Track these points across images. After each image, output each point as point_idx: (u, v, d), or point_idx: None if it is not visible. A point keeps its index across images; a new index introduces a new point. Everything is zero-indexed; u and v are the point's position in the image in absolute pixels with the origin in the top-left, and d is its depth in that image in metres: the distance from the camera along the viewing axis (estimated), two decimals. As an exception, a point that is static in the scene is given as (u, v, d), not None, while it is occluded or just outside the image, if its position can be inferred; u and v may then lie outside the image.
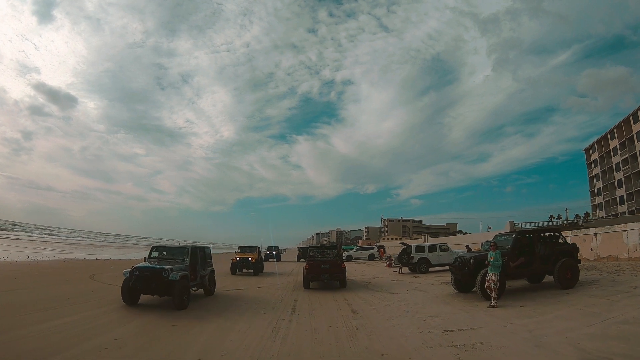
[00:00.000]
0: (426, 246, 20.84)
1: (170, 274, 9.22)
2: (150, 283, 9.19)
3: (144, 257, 11.34)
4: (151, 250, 11.12)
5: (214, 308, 9.83)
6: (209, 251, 12.42)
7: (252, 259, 20.12)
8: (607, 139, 56.83)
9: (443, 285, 14.26)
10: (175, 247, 11.34)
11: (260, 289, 14.56)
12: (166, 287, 9.14)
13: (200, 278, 11.02)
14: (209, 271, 11.75)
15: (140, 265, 9.67)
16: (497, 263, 9.38)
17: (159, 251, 11.01)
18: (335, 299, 11.56)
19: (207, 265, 11.79)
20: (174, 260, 10.30)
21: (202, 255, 11.46)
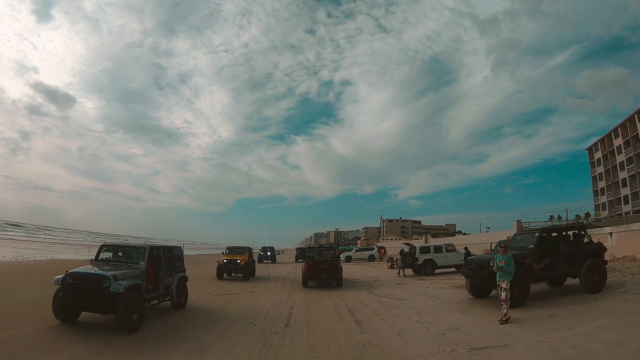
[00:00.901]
0: (432, 247, 19.56)
1: (112, 283, 6.72)
2: (84, 296, 6.80)
3: (90, 259, 9.06)
4: (100, 250, 8.53)
5: (191, 320, 8.44)
6: (179, 252, 10.01)
7: (241, 261, 17.34)
8: (611, 138, 55.78)
9: (454, 289, 13.00)
10: (132, 247, 8.69)
11: (254, 293, 13.25)
12: (106, 302, 6.69)
13: (164, 287, 8.64)
14: (178, 278, 9.31)
15: (74, 270, 7.21)
16: (510, 268, 8.02)
17: (113, 251, 8.57)
18: (336, 306, 10.24)
19: (176, 270, 9.40)
20: (126, 264, 7.94)
21: (169, 258, 9.17)
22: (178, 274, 9.41)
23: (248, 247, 19.49)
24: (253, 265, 19.29)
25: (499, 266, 7.99)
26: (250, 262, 18.44)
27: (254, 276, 18.94)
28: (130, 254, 8.29)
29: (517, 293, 9.17)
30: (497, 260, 8.06)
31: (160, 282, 8.55)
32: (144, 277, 7.78)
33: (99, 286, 6.74)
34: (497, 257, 8.14)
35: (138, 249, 8.38)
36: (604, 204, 58.24)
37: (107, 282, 6.75)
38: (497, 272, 8.08)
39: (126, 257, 8.23)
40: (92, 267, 7.66)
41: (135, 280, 7.38)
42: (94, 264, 7.98)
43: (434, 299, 10.84)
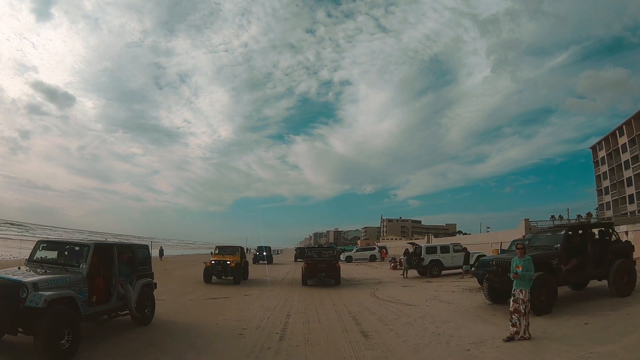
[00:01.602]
0: (438, 246, 18.43)
1: (30, 294, 4.89)
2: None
3: (25, 259, 7.05)
4: (36, 247, 6.62)
5: (172, 331, 7.31)
6: (144, 253, 8.06)
7: (231, 262, 15.38)
8: (616, 136, 54.80)
9: (466, 293, 11.89)
10: (74, 244, 6.69)
11: (247, 297, 12.13)
12: (21, 320, 4.90)
13: (118, 298, 6.61)
14: (141, 285, 7.32)
15: None
16: (529, 274, 6.43)
17: (56, 249, 6.58)
18: (338, 312, 9.10)
19: (139, 275, 7.46)
20: (63, 267, 6.04)
21: (130, 260, 7.23)
22: (141, 280, 7.44)
23: (240, 247, 17.53)
24: (246, 267, 17.58)
25: (515, 272, 6.43)
26: (242, 264, 16.66)
27: (247, 279, 17.33)
28: (74, 254, 6.35)
29: (543, 298, 8.12)
30: (514, 265, 6.58)
31: (114, 292, 6.56)
32: (84, 286, 5.84)
33: (13, 297, 4.86)
34: (514, 261, 6.68)
35: (81, 247, 6.39)
36: (608, 203, 57.23)
37: (25, 292, 4.88)
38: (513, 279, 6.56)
39: (68, 258, 6.31)
40: (19, 269, 5.94)
41: (67, 290, 5.42)
42: (27, 265, 6.28)
43: (447, 305, 9.71)
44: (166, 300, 11.21)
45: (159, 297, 12.06)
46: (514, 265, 6.59)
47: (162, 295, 12.35)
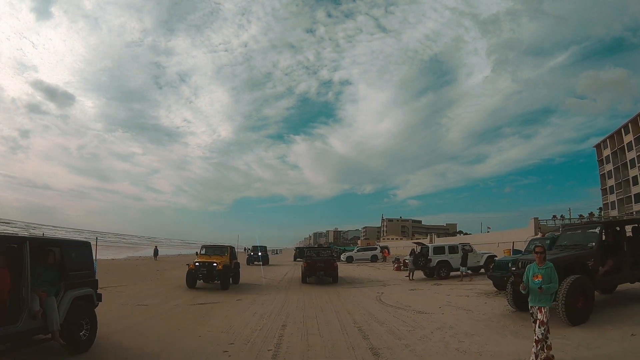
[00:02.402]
0: (446, 246, 17.24)
1: None
2: None
3: None
4: None
5: (146, 346, 6.10)
6: (81, 253, 5.98)
7: (218, 264, 13.35)
8: (621, 134, 53.74)
9: (483, 297, 10.73)
10: None
11: (239, 302, 10.95)
12: None
13: (30, 316, 4.57)
14: (71, 298, 5.25)
15: None
16: (553, 287, 4.90)
17: None
18: (341, 322, 7.90)
19: (72, 284, 5.40)
20: None
21: (57, 263, 5.34)
22: (73, 292, 5.32)
23: (229, 247, 15.45)
24: (236, 270, 15.58)
25: (534, 284, 4.86)
26: (232, 266, 14.74)
27: (238, 283, 15.52)
28: None
29: (580, 305, 6.99)
30: (530, 273, 4.98)
31: (24, 307, 4.53)
32: None
33: None
34: (530, 268, 5.06)
35: None
36: (613, 202, 56.16)
37: None
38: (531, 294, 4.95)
39: None
40: None
41: None
42: None
43: (465, 313, 8.54)
44: (148, 306, 10.08)
45: (142, 302, 10.97)
46: (531, 274, 4.97)
47: (145, 299, 11.22)
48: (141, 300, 11.10)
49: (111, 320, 8.20)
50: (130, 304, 10.39)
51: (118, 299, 11.05)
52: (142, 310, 9.56)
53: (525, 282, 5.00)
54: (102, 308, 9.95)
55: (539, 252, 5.13)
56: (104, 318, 8.43)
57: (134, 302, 10.70)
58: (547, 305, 4.83)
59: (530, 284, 4.93)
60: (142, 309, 9.65)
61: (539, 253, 5.12)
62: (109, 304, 10.38)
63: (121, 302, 10.53)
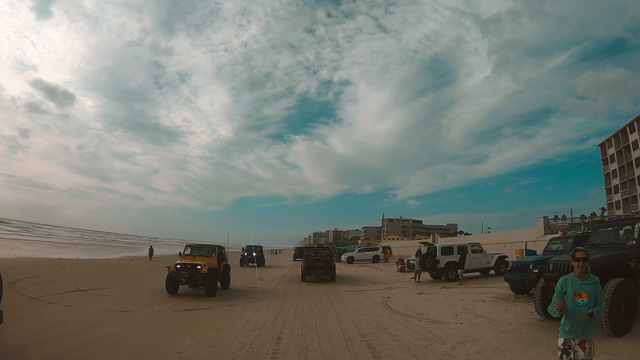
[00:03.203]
0: (455, 247, 16.19)
1: None
2: None
3: None
4: None
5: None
6: None
7: (202, 267, 11.67)
8: (626, 132, 52.72)
9: (501, 303, 9.70)
10: None
11: (231, 308, 9.88)
12: None
13: None
14: None
15: None
16: (601, 311, 3.33)
17: None
18: (345, 333, 6.83)
19: None
20: None
21: None
22: None
23: (217, 246, 13.55)
24: (226, 273, 13.76)
25: (577, 308, 3.19)
26: (221, 268, 13.08)
27: (228, 288, 13.77)
28: None
29: (623, 313, 6.02)
30: (569, 290, 3.27)
31: None
32: None
33: None
34: (568, 283, 3.32)
35: None
36: (618, 202, 55.14)
37: None
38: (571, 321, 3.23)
39: None
40: None
41: None
42: None
43: (487, 322, 7.48)
44: (129, 312, 9.03)
45: (124, 307, 9.90)
46: (570, 290, 3.26)
47: (128, 304, 10.14)
48: (124, 304, 10.04)
49: (84, 328, 7.23)
50: (110, 309, 9.34)
51: (98, 304, 10.01)
52: (122, 317, 8.52)
53: (563, 301, 3.24)
54: (78, 314, 8.98)
55: (582, 258, 3.29)
56: (77, 326, 7.47)
57: (115, 307, 9.65)
58: (590, 337, 3.19)
59: (570, 306, 3.19)
60: (122, 316, 8.61)
61: (581, 260, 3.29)
62: (86, 310, 9.36)
63: (101, 308, 9.48)
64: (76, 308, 9.44)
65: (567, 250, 9.99)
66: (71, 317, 8.39)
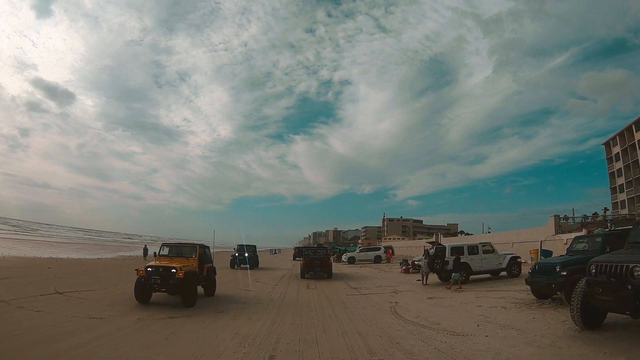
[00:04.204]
0: (465, 247, 15.08)
1: None
2: None
3: None
4: None
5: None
6: None
7: (178, 271, 9.59)
8: (632, 130, 51.71)
9: (524, 309, 8.61)
10: None
11: (220, 315, 8.77)
12: None
13: None
14: None
15: None
16: None
17: None
18: (352, 352, 5.70)
19: None
20: None
21: None
22: None
23: (199, 245, 11.24)
24: (210, 277, 11.63)
25: None
26: (204, 272, 11.14)
27: (214, 295, 11.65)
28: None
29: None
30: None
31: None
32: None
33: None
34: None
35: None
36: (623, 201, 54.15)
37: None
38: None
39: None
40: None
41: None
42: None
43: (516, 334, 6.39)
44: (104, 319, 7.92)
45: (99, 314, 8.75)
46: None
47: (105, 310, 8.95)
48: (100, 310, 8.93)
49: (48, 339, 6.23)
50: (84, 315, 8.24)
51: (72, 309, 8.91)
52: (93, 326, 7.41)
53: None
54: (45, 322, 7.79)
55: None
56: (39, 337, 6.39)
57: (90, 312, 8.54)
58: None
59: None
60: (94, 325, 7.50)
61: None
62: (56, 316, 8.19)
63: (73, 313, 8.38)
64: (46, 314, 8.34)
65: (595, 249, 8.94)
66: (36, 325, 7.30)
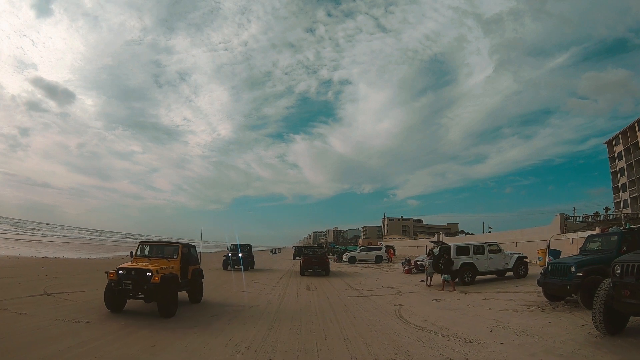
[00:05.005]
0: (471, 246, 14.55)
1: None
2: None
3: None
4: None
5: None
6: None
7: (154, 274, 8.11)
8: (634, 129, 51.20)
9: (537, 312, 8.09)
10: None
11: (215, 320, 8.23)
12: None
13: None
14: None
15: None
16: None
17: None
18: (355, 358, 5.24)
19: None
20: None
21: None
22: None
23: (182, 245, 9.66)
24: (196, 281, 10.13)
25: None
26: (188, 275, 9.68)
27: (201, 301, 10.24)
28: None
29: None
30: None
31: None
32: None
33: None
34: None
35: None
36: (626, 201, 53.64)
37: None
38: None
39: None
40: None
41: None
42: None
43: (534, 340, 5.87)
44: (89, 324, 7.42)
45: (85, 317, 8.02)
46: None
47: (92, 313, 8.28)
48: (87, 313, 8.38)
49: (26, 345, 5.75)
50: (69, 319, 7.70)
51: (58, 311, 8.38)
52: (76, 330, 6.89)
53: None
54: (26, 326, 7.18)
55: None
56: (21, 341, 6.02)
57: (76, 316, 8.00)
58: None
59: None
60: (77, 329, 6.98)
61: None
62: (39, 319, 7.56)
63: (59, 317, 7.83)
64: (29, 317, 7.80)
65: (611, 249, 8.47)
66: (16, 330, 6.77)
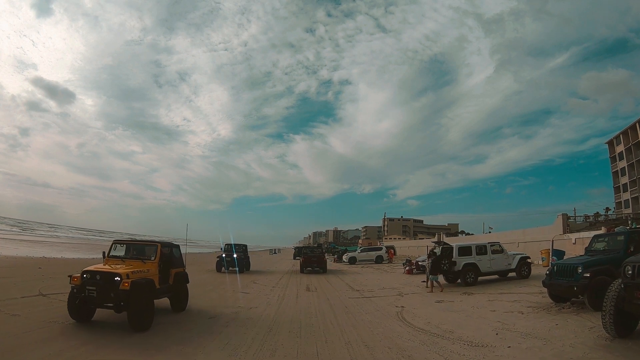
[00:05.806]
0: (473, 246, 14.32)
1: None
2: None
3: None
4: None
5: None
6: None
7: (123, 279, 6.63)
8: (635, 129, 51.01)
9: (543, 314, 7.88)
10: None
11: (212, 322, 8.01)
12: None
13: None
14: None
15: None
16: None
17: None
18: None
19: None
20: None
21: None
22: None
23: (160, 244, 8.22)
24: (179, 286, 8.72)
25: None
26: (170, 280, 8.35)
27: (185, 309, 8.88)
28: None
29: None
30: None
31: None
32: None
33: None
34: None
35: None
36: (627, 201, 53.45)
37: None
38: None
39: None
40: None
41: None
42: None
43: (542, 344, 5.66)
44: (80, 326, 7.16)
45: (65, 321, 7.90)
46: None
47: None
48: (64, 321, 8.08)
49: (15, 348, 5.63)
50: (63, 320, 7.43)
51: (53, 313, 8.09)
52: (70, 333, 6.67)
53: None
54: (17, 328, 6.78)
55: None
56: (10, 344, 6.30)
57: (70, 318, 7.76)
58: None
59: None
60: (71, 331, 6.75)
61: None
62: (31, 321, 7.22)
63: (52, 318, 7.54)
64: (22, 318, 7.56)
65: (617, 249, 8.29)
66: (7, 332, 6.53)
